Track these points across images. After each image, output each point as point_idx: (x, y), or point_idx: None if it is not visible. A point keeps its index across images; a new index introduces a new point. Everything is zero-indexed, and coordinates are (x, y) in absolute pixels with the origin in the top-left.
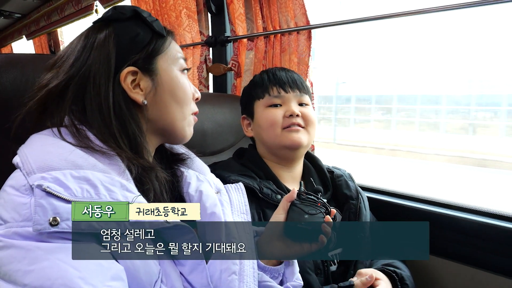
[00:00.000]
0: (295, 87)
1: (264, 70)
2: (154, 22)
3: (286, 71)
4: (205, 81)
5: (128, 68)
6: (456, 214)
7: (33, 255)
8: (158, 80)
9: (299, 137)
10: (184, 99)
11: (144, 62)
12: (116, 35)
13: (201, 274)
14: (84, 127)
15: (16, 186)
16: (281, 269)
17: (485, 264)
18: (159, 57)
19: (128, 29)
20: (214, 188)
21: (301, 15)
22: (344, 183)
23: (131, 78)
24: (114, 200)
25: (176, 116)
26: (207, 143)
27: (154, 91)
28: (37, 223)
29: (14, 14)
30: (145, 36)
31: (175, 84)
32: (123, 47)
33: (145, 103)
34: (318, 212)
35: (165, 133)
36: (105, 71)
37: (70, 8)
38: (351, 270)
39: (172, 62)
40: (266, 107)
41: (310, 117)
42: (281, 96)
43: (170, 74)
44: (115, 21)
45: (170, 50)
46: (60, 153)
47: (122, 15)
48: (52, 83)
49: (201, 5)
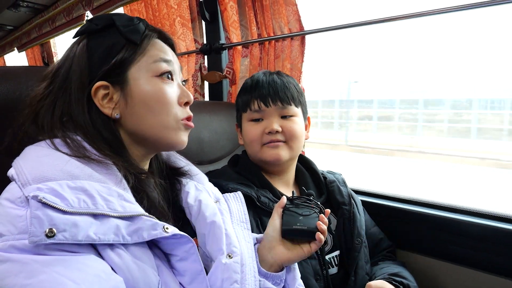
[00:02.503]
0: (276, 99)
1: (251, 76)
2: (130, 28)
3: (270, 79)
4: (201, 89)
5: (98, 83)
6: (454, 216)
7: (30, 268)
8: (128, 91)
9: (278, 153)
10: (161, 108)
11: (115, 75)
12: (89, 48)
13: (201, 284)
14: (79, 137)
15: (12, 199)
16: (283, 275)
17: (485, 265)
18: (131, 66)
19: (101, 41)
20: (213, 197)
21: (294, 21)
22: (336, 188)
23: (103, 92)
24: (111, 210)
25: (155, 126)
26: (205, 152)
27: (124, 103)
28: (33, 235)
29: (5, 27)
30: (118, 46)
31: (147, 94)
32: (95, 60)
33: (117, 117)
34: (312, 213)
35: (149, 143)
36: (80, 86)
37: (61, 18)
38: (351, 275)
39: (146, 69)
40: (249, 121)
41: (292, 131)
42: (261, 111)
43: (142, 83)
44: (90, 33)
45: (145, 57)
46: (56, 164)
47: (95, 26)
48: (43, 94)
49: (195, 13)
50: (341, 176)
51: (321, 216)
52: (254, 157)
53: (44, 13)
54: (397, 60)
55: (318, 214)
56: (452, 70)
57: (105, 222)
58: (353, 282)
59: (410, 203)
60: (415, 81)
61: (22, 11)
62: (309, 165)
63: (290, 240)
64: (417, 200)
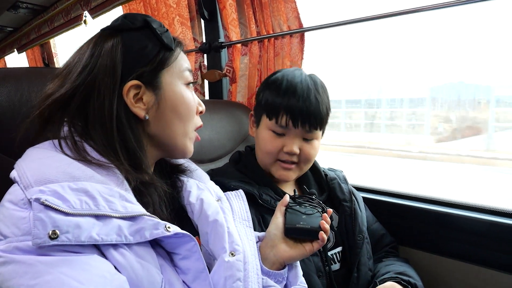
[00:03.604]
0: (306, 122)
1: (285, 74)
2: (164, 34)
3: (306, 96)
4: (201, 87)
5: (132, 82)
6: (456, 212)
7: (35, 269)
8: (162, 95)
9: (287, 175)
10: (187, 115)
11: (149, 76)
12: (124, 46)
13: (204, 282)
14: (83, 140)
15: (15, 201)
16: (285, 273)
17: (488, 261)
18: (165, 71)
19: (137, 40)
20: (215, 196)
21: (293, 18)
22: (337, 185)
23: (134, 91)
24: (113, 211)
25: (178, 132)
26: (205, 151)
27: (156, 106)
28: (37, 237)
29: (5, 28)
30: (153, 48)
31: (178, 100)
32: (129, 58)
33: (147, 118)
34: (315, 212)
35: (166, 148)
36: (110, 83)
37: (59, 19)
38: (354, 272)
39: (178, 76)
40: (270, 130)
41: (308, 156)
42: (287, 128)
43: (174, 89)
44: (124, 30)
45: (176, 64)
46: (58, 166)
47: (132, 24)
48: (59, 92)
49: (194, 12)
50: (342, 173)
51: (324, 216)
52: (263, 165)
53: (43, 14)
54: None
55: (321, 214)
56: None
57: (107, 222)
58: (356, 278)
59: (411, 199)
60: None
61: (21, 12)
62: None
63: (292, 239)
64: (419, 196)
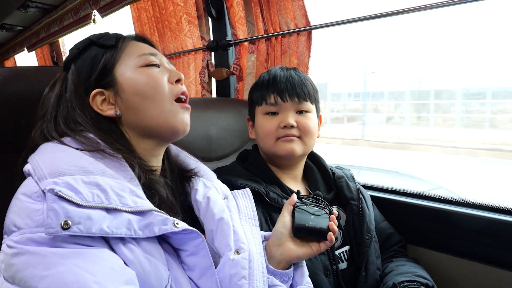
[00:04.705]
0: (294, 95)
1: (268, 70)
2: (103, 37)
3: (288, 75)
4: (208, 85)
5: (93, 92)
6: (464, 210)
7: (48, 260)
8: (119, 87)
9: (292, 147)
10: (154, 92)
11: (103, 79)
12: (77, 70)
13: (211, 278)
14: (91, 134)
15: (28, 193)
16: (291, 273)
17: (496, 260)
18: (115, 66)
19: (85, 58)
20: (221, 194)
21: (300, 16)
22: (344, 184)
23: (100, 98)
24: (123, 205)
25: (153, 112)
26: (213, 148)
27: (120, 99)
28: (49, 227)
29: (16, 27)
30: (99, 55)
31: (137, 83)
32: (85, 76)
33: (118, 114)
34: (323, 213)
35: (154, 133)
36: (81, 101)
37: (69, 18)
38: (362, 271)
39: (130, 63)
40: (264, 114)
41: (307, 127)
42: (278, 105)
43: (129, 76)
44: (74, 58)
45: (126, 55)
46: (70, 159)
47: (77, 50)
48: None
49: (201, 10)
50: (350, 171)
51: (331, 217)
52: (268, 151)
53: (53, 13)
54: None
55: (328, 215)
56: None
57: (117, 216)
58: (364, 277)
59: (419, 197)
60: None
61: (31, 11)
62: (318, 161)
63: (299, 238)
64: (427, 194)
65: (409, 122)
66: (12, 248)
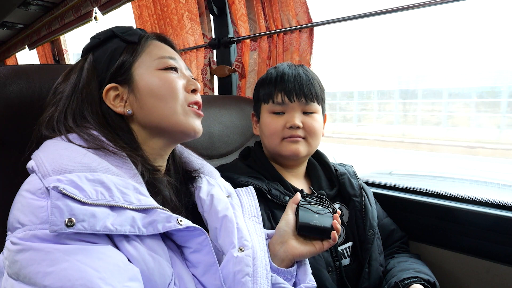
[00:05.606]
0: (301, 95)
1: (275, 66)
2: (127, 32)
3: (296, 74)
4: (210, 83)
5: (107, 86)
6: (466, 207)
7: (52, 257)
8: (135, 86)
9: (297, 148)
10: (169, 95)
11: (120, 74)
12: (95, 60)
13: (214, 275)
14: (95, 131)
15: (32, 190)
16: (294, 271)
17: (498, 256)
18: (136, 65)
19: (105, 50)
20: (225, 192)
21: (302, 13)
22: (347, 181)
23: (113, 93)
24: (127, 203)
25: (165, 113)
26: (215, 146)
27: (134, 97)
28: (54, 224)
29: (16, 25)
30: (119, 49)
31: (154, 84)
32: (102, 68)
33: (130, 113)
34: (326, 212)
35: (164, 133)
36: (92, 94)
37: (70, 16)
38: (365, 267)
39: (150, 64)
40: (270, 113)
41: (312, 128)
42: (284, 105)
43: (147, 77)
44: (93, 48)
45: (147, 54)
46: (74, 157)
47: (98, 39)
48: (52, 115)
49: (203, 8)
50: (352, 168)
51: (335, 216)
52: (272, 150)
53: (54, 10)
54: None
55: (332, 214)
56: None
57: (121, 213)
58: (367, 273)
59: (422, 194)
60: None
61: (32, 9)
62: (321, 158)
63: (303, 236)
64: (429, 191)
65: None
66: (16, 245)
